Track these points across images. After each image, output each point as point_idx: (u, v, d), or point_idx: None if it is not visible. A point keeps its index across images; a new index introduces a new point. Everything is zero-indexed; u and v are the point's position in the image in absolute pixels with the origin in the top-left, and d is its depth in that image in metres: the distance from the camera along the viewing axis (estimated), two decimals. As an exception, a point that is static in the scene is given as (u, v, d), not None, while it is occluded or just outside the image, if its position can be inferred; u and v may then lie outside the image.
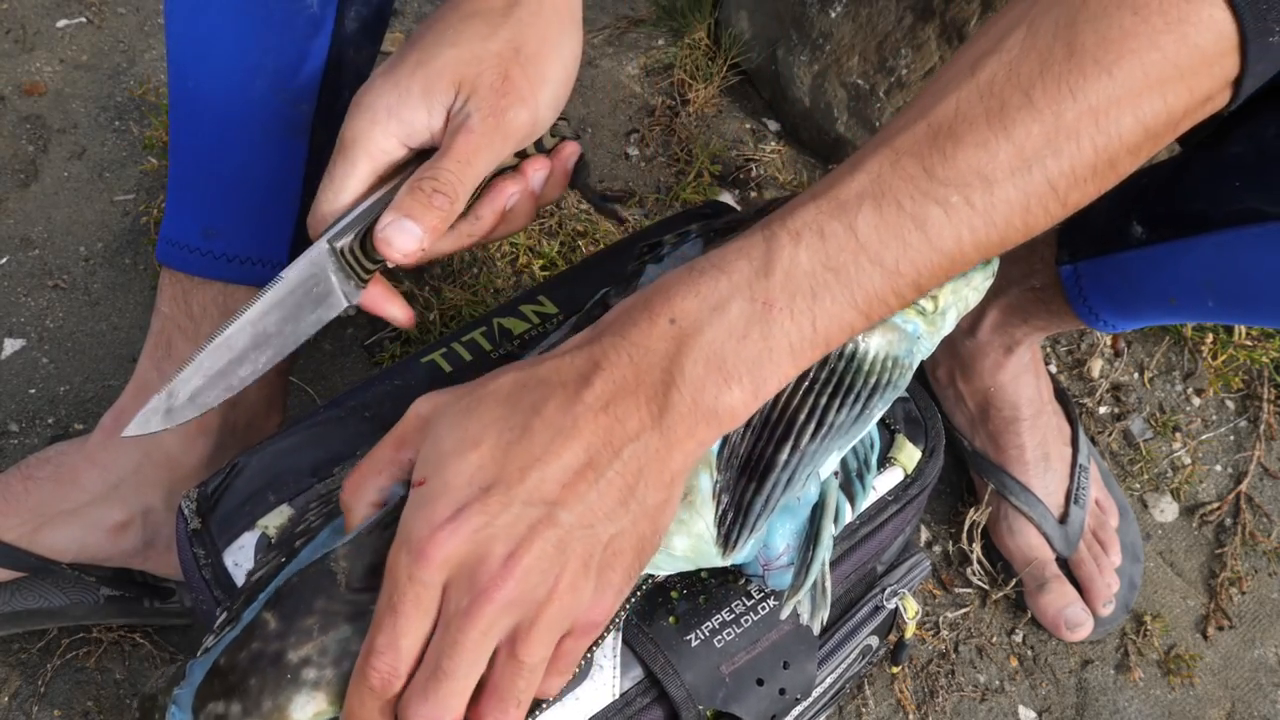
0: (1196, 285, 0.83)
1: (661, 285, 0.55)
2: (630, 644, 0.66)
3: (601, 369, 0.53)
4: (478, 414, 0.54)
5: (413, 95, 0.63)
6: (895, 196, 0.54)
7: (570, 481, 0.52)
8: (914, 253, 0.54)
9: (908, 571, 0.79)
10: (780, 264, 0.54)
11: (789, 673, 0.68)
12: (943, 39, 1.22)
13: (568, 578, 0.52)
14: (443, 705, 0.52)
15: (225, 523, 0.69)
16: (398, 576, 0.52)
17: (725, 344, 0.53)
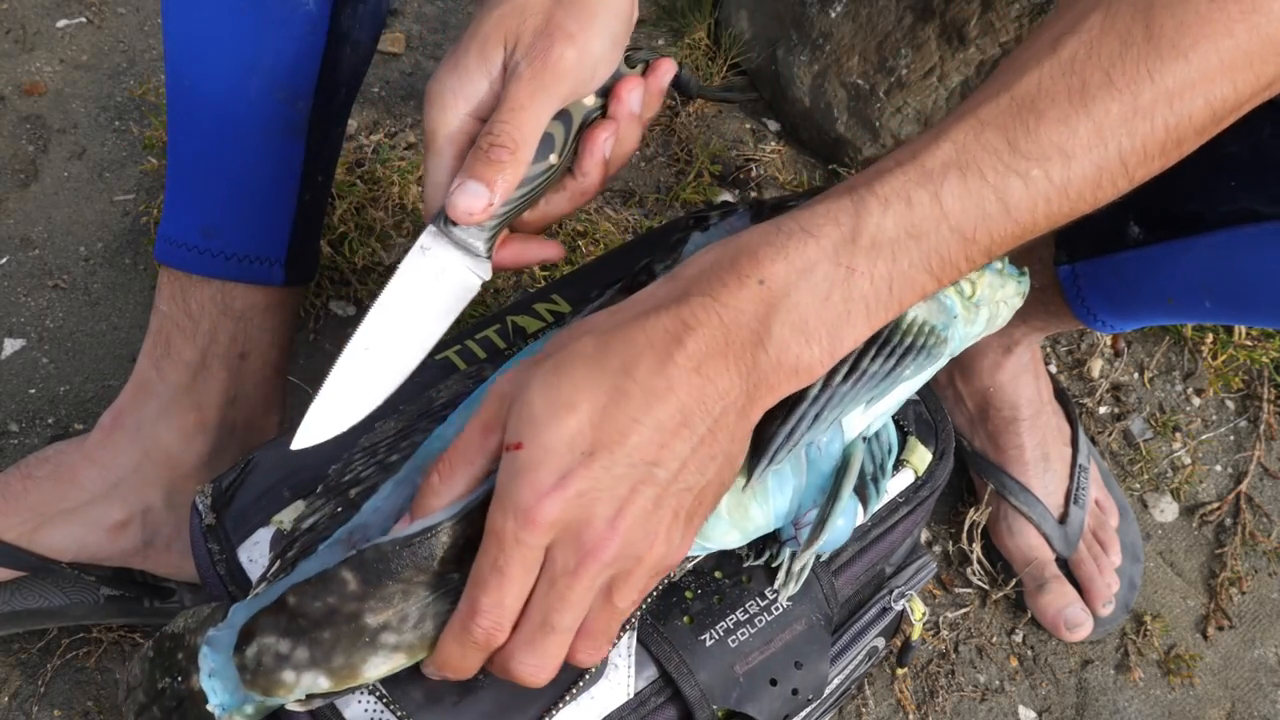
0: (1193, 286, 0.83)
1: (747, 246, 0.56)
2: (645, 643, 0.66)
3: (692, 329, 0.54)
4: (568, 376, 0.54)
5: (470, 68, 0.64)
6: (979, 167, 0.55)
7: (666, 441, 0.54)
8: (991, 222, 0.56)
9: (915, 573, 0.79)
10: (867, 230, 0.55)
11: (802, 673, 0.68)
12: (943, 39, 1.22)
13: (663, 531, 0.55)
14: (550, 656, 0.56)
15: (240, 518, 0.68)
16: (504, 539, 0.54)
17: (809, 306, 0.55)
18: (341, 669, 0.57)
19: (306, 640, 0.57)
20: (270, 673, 0.57)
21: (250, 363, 0.88)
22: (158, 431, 0.88)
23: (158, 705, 0.62)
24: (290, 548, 0.63)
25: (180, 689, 0.61)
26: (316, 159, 0.85)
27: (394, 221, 1.19)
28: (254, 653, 0.58)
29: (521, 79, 0.63)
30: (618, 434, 0.53)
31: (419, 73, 1.35)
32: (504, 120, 0.63)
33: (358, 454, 0.68)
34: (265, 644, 0.57)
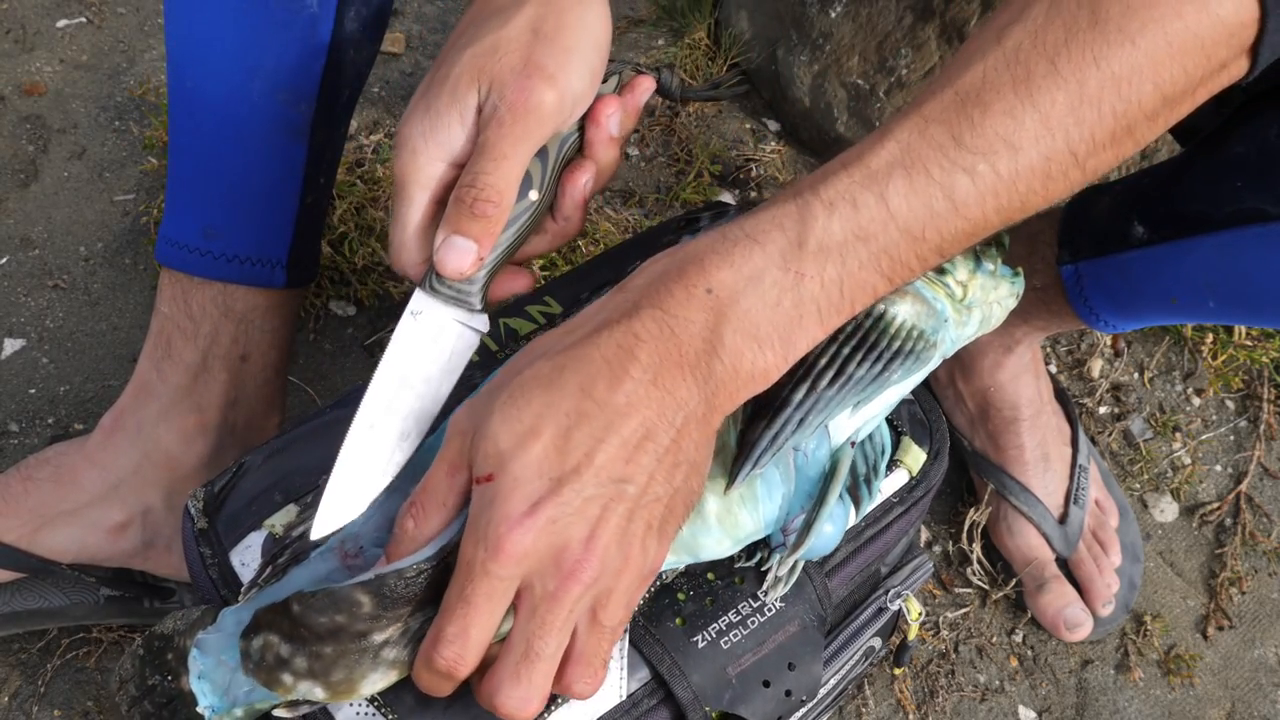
0: (1198, 286, 0.83)
1: (694, 254, 0.56)
2: (637, 645, 0.66)
3: (644, 342, 0.54)
4: (526, 403, 0.54)
5: (442, 112, 0.62)
6: (925, 165, 0.55)
7: (631, 456, 0.54)
8: (940, 220, 0.55)
9: (911, 573, 0.79)
10: (814, 234, 0.55)
11: (795, 674, 0.68)
12: (943, 39, 1.22)
13: (638, 544, 0.55)
14: (535, 686, 0.55)
15: (231, 522, 0.68)
16: (473, 570, 0.53)
17: (760, 312, 0.55)
18: (340, 684, 0.58)
19: (306, 652, 0.57)
20: (271, 670, 0.58)
21: (251, 364, 0.88)
22: (158, 433, 0.88)
23: (149, 700, 0.62)
24: (281, 554, 0.63)
25: (170, 688, 0.61)
26: (319, 161, 0.84)
27: (394, 221, 1.19)
28: (259, 645, 0.58)
29: (502, 125, 0.62)
30: (584, 455, 0.53)
31: (419, 73, 1.35)
32: (486, 171, 0.62)
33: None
34: (270, 641, 0.58)
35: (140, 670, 0.63)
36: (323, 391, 1.12)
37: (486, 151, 0.62)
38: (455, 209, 0.62)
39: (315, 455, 0.70)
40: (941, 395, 1.11)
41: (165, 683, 0.61)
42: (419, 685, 0.57)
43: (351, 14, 0.79)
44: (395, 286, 1.17)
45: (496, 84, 0.62)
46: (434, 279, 0.64)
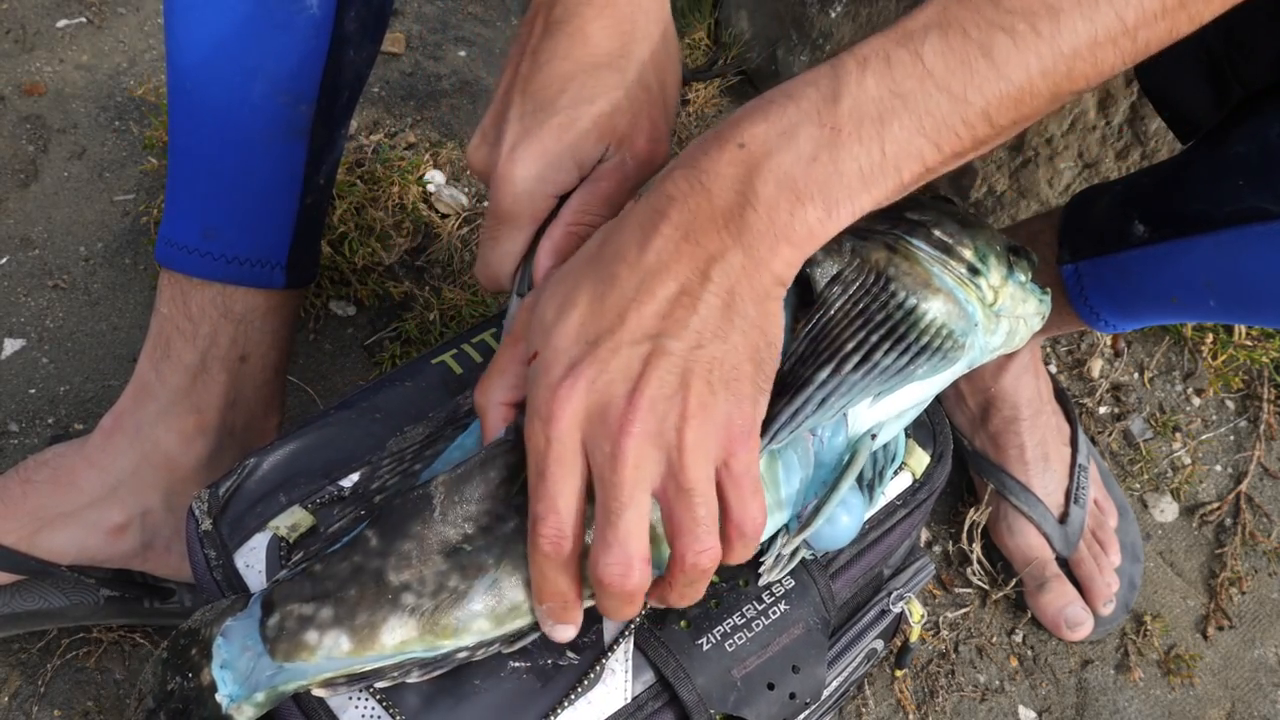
0: (1198, 285, 0.83)
1: (731, 117, 0.56)
2: (642, 648, 0.66)
3: (674, 200, 0.55)
4: (568, 278, 0.56)
5: (562, 159, 0.64)
6: (961, 25, 0.54)
7: (668, 311, 0.54)
8: (981, 80, 0.54)
9: (913, 575, 0.79)
10: (848, 90, 0.54)
11: (799, 677, 0.68)
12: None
13: (694, 397, 0.54)
14: (624, 547, 0.55)
15: (236, 524, 0.68)
16: (536, 444, 0.55)
17: (794, 166, 0.54)
18: (363, 628, 0.59)
19: (332, 600, 0.59)
20: (294, 634, 0.59)
21: (250, 365, 0.88)
22: (157, 434, 0.88)
23: (164, 710, 0.62)
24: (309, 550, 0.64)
25: (188, 688, 0.61)
26: (318, 162, 0.85)
27: (394, 221, 1.19)
28: (276, 620, 0.59)
29: (627, 179, 0.65)
30: (616, 316, 0.54)
31: (419, 73, 1.35)
32: (599, 213, 0.64)
33: (385, 460, 0.68)
34: (289, 609, 0.59)
35: (161, 676, 0.63)
36: (323, 391, 1.12)
37: (604, 196, 0.65)
38: (567, 242, 0.64)
39: (320, 457, 0.70)
40: (942, 396, 1.12)
41: (185, 683, 0.61)
42: (543, 598, 0.58)
43: (352, 15, 0.79)
44: (395, 287, 1.17)
45: (626, 143, 0.64)
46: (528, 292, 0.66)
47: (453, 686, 0.63)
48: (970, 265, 0.66)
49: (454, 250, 1.20)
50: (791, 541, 0.66)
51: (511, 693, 0.63)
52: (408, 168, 1.22)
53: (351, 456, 0.70)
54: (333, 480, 0.70)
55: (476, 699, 0.63)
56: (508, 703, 0.63)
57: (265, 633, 0.59)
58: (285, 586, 0.60)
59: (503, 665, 0.64)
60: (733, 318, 0.55)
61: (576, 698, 0.64)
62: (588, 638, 0.65)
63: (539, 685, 0.64)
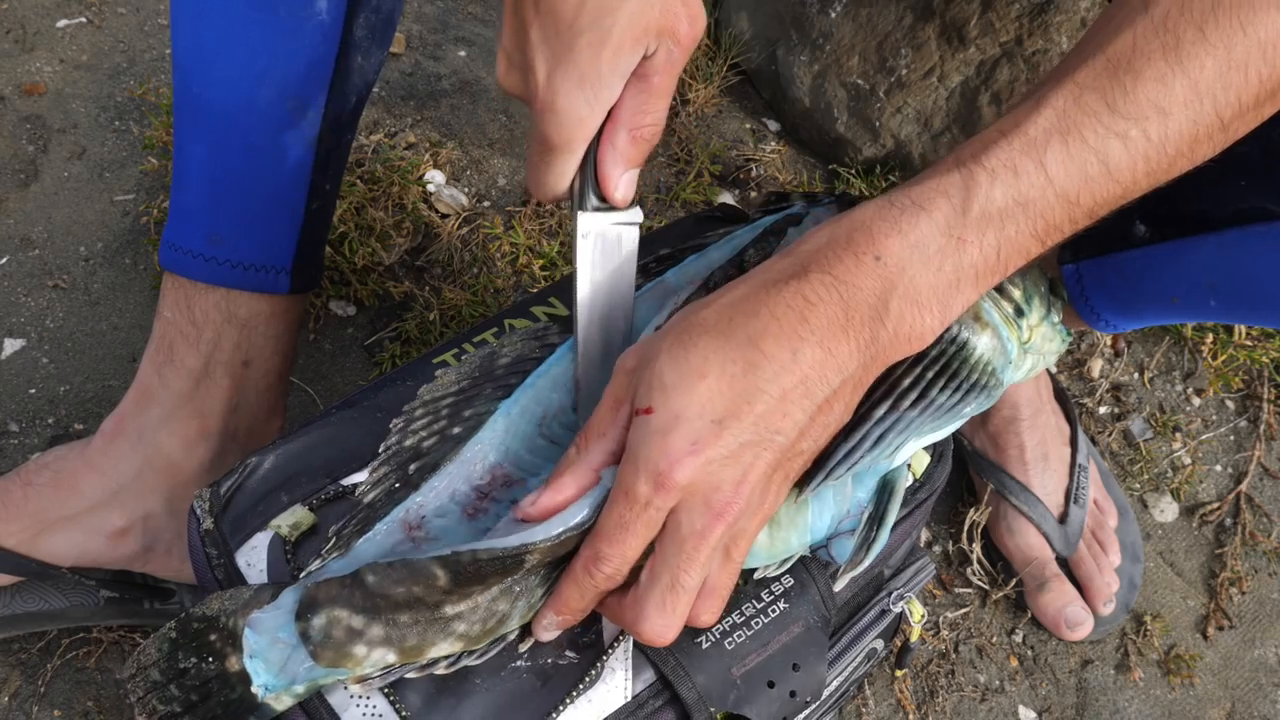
0: (1199, 285, 0.83)
1: (861, 222, 0.58)
2: (641, 647, 0.66)
3: (813, 305, 0.56)
4: (695, 346, 0.57)
5: (604, 78, 0.63)
6: (1080, 131, 0.57)
7: (788, 410, 0.56)
8: (1094, 184, 0.57)
9: (913, 575, 0.79)
10: (977, 201, 0.57)
11: (799, 675, 0.68)
12: (942, 39, 1.22)
13: (774, 491, 0.59)
14: (678, 615, 0.59)
15: (238, 523, 0.68)
16: (635, 497, 0.57)
17: (923, 278, 0.57)
18: (412, 649, 0.60)
19: (383, 620, 0.59)
20: (341, 645, 0.59)
21: (253, 370, 0.88)
22: (159, 438, 0.88)
23: (176, 684, 0.62)
24: (346, 526, 0.64)
25: (209, 670, 0.61)
26: (325, 168, 0.85)
27: (394, 221, 1.19)
28: (322, 624, 0.59)
29: (674, 66, 0.63)
30: (746, 403, 0.56)
31: (419, 73, 1.35)
32: (659, 110, 0.64)
33: (419, 409, 0.68)
34: (336, 616, 0.59)
35: (170, 653, 0.62)
36: (323, 392, 1.12)
37: (659, 92, 0.64)
38: (634, 148, 0.65)
39: (322, 456, 0.70)
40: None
41: (205, 665, 0.61)
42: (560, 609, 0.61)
43: (360, 21, 0.79)
44: (395, 286, 1.17)
45: (666, 33, 0.63)
46: (593, 200, 0.67)
47: (454, 686, 0.63)
48: (1017, 306, 0.68)
49: (454, 250, 1.20)
50: (842, 579, 0.69)
51: (512, 692, 0.63)
52: (408, 168, 1.22)
53: (353, 455, 0.71)
54: (334, 479, 0.70)
55: (478, 698, 0.63)
56: (509, 702, 0.63)
57: (307, 632, 0.59)
58: (331, 589, 0.59)
59: (503, 665, 0.64)
60: (830, 422, 0.59)
61: (577, 696, 0.64)
62: (588, 637, 0.65)
63: (539, 684, 0.64)
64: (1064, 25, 1.18)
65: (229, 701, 0.60)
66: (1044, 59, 1.19)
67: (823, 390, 0.57)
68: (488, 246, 1.21)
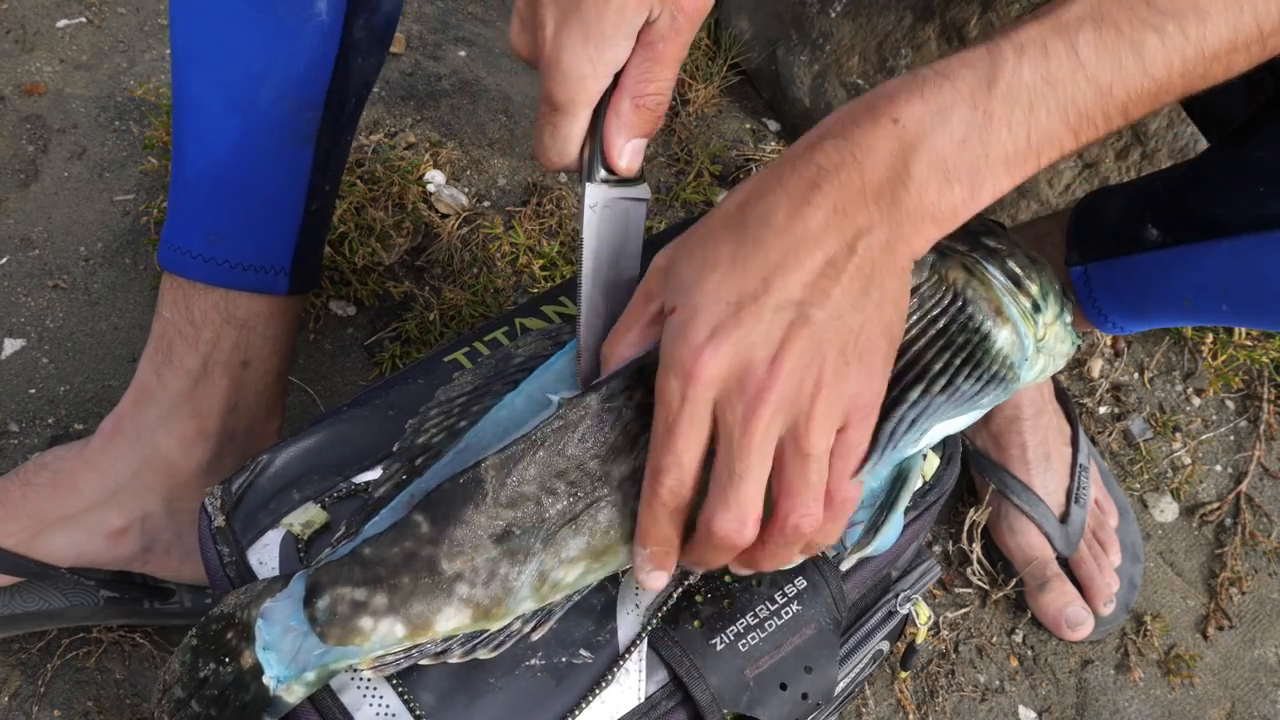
0: (1212, 290, 0.83)
1: (882, 90, 0.57)
2: (655, 648, 0.66)
3: (826, 171, 0.55)
4: (710, 239, 0.56)
5: (608, 35, 0.62)
6: (1115, 21, 0.56)
7: (813, 281, 0.55)
8: (1127, 75, 0.56)
9: (920, 576, 0.80)
10: (1003, 75, 0.55)
11: (811, 677, 0.68)
12: (943, 39, 1.22)
13: (830, 368, 0.55)
14: (743, 507, 0.57)
15: (249, 520, 0.68)
16: (670, 399, 0.56)
17: (947, 148, 0.55)
18: (419, 617, 0.59)
19: (385, 587, 0.59)
20: (347, 620, 0.59)
21: (252, 370, 0.88)
22: (158, 438, 0.88)
23: (196, 699, 0.62)
24: (356, 516, 0.64)
25: (226, 674, 0.61)
26: (324, 169, 0.85)
27: (394, 221, 1.19)
28: (327, 603, 0.59)
29: (680, 33, 0.63)
30: (761, 281, 0.55)
31: (419, 73, 1.35)
32: (665, 78, 0.63)
33: (433, 409, 0.68)
34: (339, 593, 0.59)
35: (191, 664, 0.62)
36: (322, 392, 1.12)
37: (664, 60, 0.63)
38: (638, 116, 0.64)
39: (334, 454, 0.71)
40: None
41: (221, 668, 0.61)
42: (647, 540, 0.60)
43: (360, 22, 0.79)
44: (395, 286, 1.17)
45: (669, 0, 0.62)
46: (601, 172, 0.66)
47: (468, 684, 0.63)
48: (1035, 302, 0.68)
49: (454, 250, 1.20)
50: (849, 560, 0.67)
51: (526, 691, 0.63)
52: (408, 168, 1.22)
53: (365, 453, 0.71)
54: (346, 477, 0.70)
55: (491, 697, 0.63)
56: (523, 701, 0.63)
57: (314, 615, 0.59)
58: (333, 569, 0.60)
59: (517, 664, 0.64)
60: (871, 291, 0.56)
61: (592, 697, 0.64)
62: (602, 637, 0.65)
63: (554, 684, 0.64)
64: (1064, 25, 1.18)
65: (243, 705, 0.60)
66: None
67: (848, 258, 0.55)
68: (488, 246, 1.21)
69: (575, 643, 0.65)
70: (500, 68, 1.37)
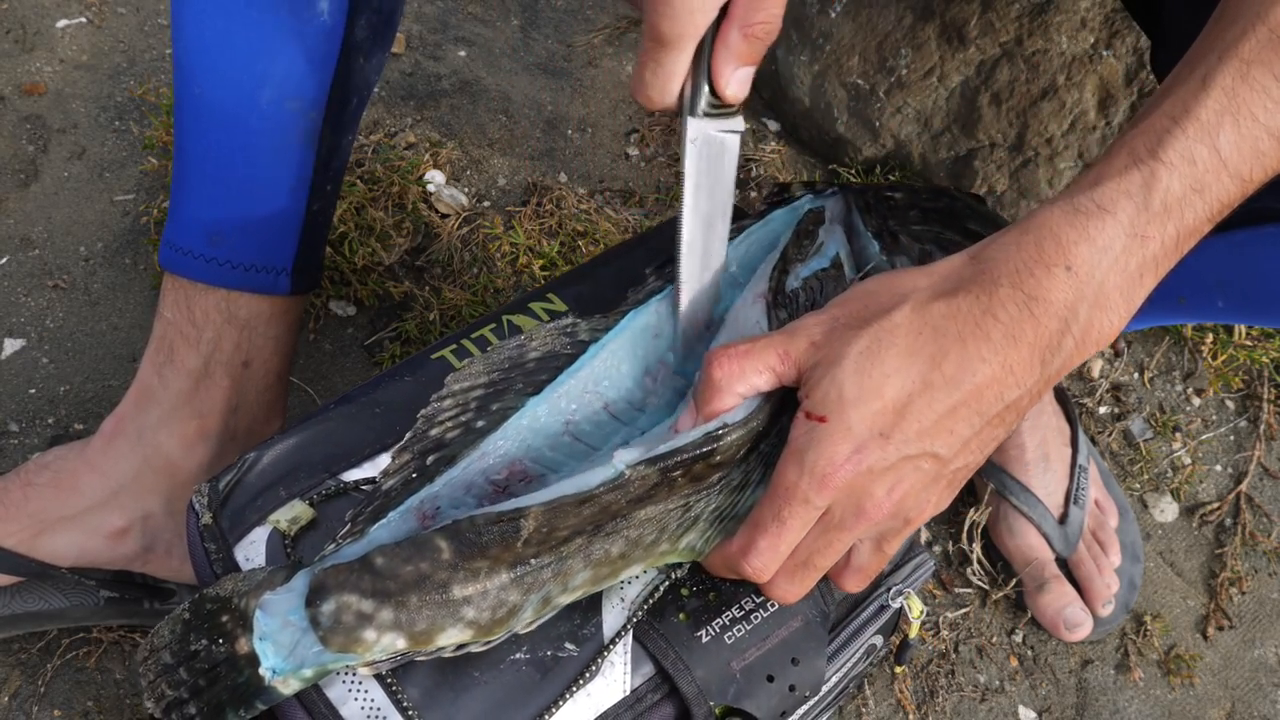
0: (1208, 285, 0.83)
1: (1049, 229, 0.57)
2: (641, 641, 0.66)
3: (1000, 321, 0.57)
4: (880, 363, 0.58)
5: None
6: (1250, 110, 0.56)
7: (954, 426, 0.58)
8: (1266, 159, 0.57)
9: (912, 571, 0.80)
10: (1158, 196, 0.56)
11: (799, 669, 0.68)
12: (943, 39, 1.22)
13: (934, 500, 0.61)
14: (805, 586, 0.64)
15: (237, 518, 0.69)
16: (794, 496, 0.59)
17: (1111, 280, 0.57)
18: (421, 634, 0.60)
19: (392, 603, 0.59)
20: (351, 630, 0.59)
21: (253, 371, 0.88)
22: (159, 439, 0.88)
23: (185, 667, 0.62)
24: (362, 512, 0.64)
25: (217, 653, 0.61)
26: (326, 169, 0.85)
27: (394, 221, 1.19)
28: (331, 609, 0.59)
29: None
30: (916, 420, 0.57)
31: (419, 73, 1.35)
32: (771, 5, 0.63)
33: (447, 399, 0.68)
34: (345, 601, 0.59)
35: (183, 635, 0.62)
36: (322, 392, 1.12)
37: None
38: (747, 44, 0.64)
39: (321, 451, 0.71)
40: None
41: (213, 647, 0.61)
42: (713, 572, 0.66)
43: (362, 22, 0.79)
44: (395, 286, 1.17)
45: None
46: (703, 105, 0.67)
47: (453, 679, 0.63)
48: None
49: (454, 250, 1.20)
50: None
51: (511, 685, 0.63)
52: (408, 168, 1.22)
53: (352, 451, 0.71)
54: (333, 474, 0.70)
55: (476, 691, 0.63)
56: (508, 695, 0.63)
57: (317, 618, 0.59)
58: (341, 573, 0.59)
59: (502, 657, 0.64)
60: (999, 433, 0.59)
61: (576, 690, 0.64)
62: (587, 630, 0.65)
63: (538, 677, 0.64)
64: (1064, 25, 1.18)
65: (236, 685, 0.60)
66: (1044, 59, 1.19)
67: (995, 406, 0.58)
68: (488, 246, 1.21)
69: (560, 636, 0.65)
70: (500, 68, 1.37)
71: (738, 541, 0.62)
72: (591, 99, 1.36)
